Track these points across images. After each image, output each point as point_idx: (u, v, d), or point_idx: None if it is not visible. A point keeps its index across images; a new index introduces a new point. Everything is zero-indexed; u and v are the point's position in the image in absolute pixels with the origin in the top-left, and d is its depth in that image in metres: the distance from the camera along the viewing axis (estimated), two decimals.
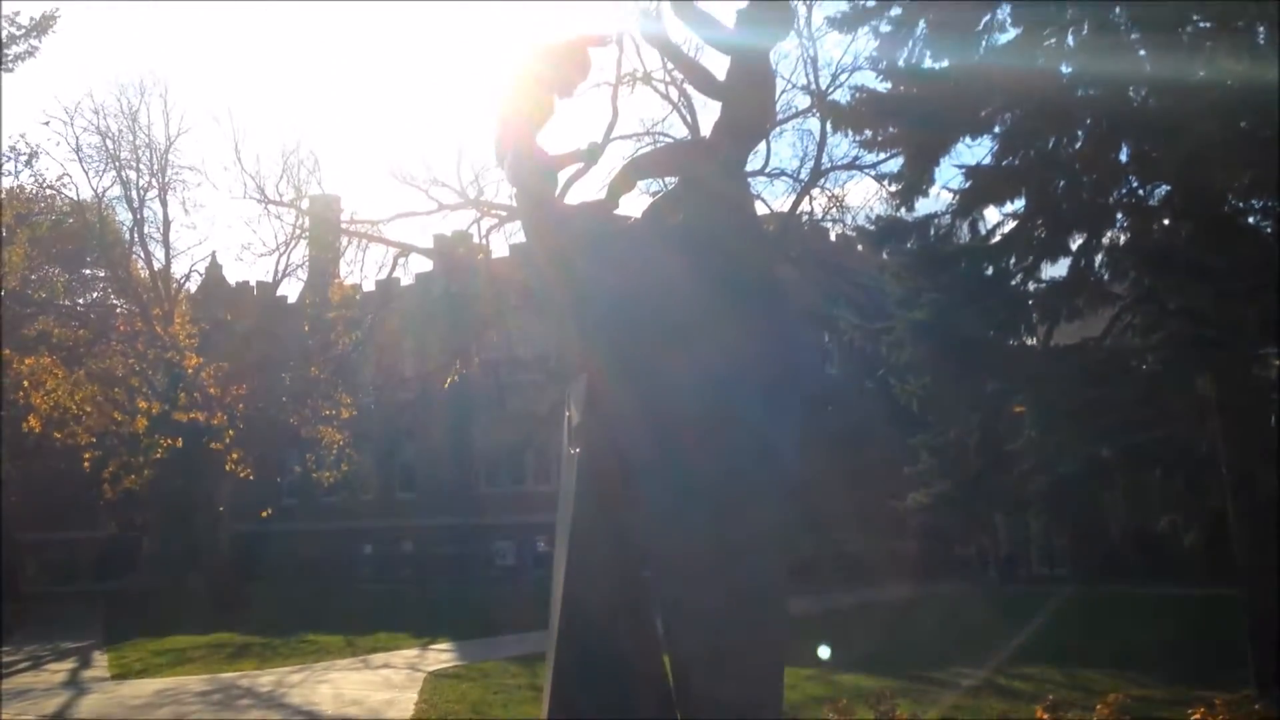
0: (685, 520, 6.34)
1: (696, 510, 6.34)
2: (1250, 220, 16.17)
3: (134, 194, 34.19)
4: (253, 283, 40.77)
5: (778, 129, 27.02)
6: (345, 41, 53.89)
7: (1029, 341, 17.09)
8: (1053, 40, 16.43)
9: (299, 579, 42.65)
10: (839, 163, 27.37)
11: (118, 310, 36.21)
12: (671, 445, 6.45)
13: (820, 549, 33.93)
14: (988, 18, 16.80)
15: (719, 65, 7.56)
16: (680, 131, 27.85)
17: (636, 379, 6.65)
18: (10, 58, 23.63)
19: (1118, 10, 15.69)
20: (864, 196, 28.08)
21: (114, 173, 33.72)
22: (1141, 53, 15.78)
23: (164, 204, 34.76)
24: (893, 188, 19.01)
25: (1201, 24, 15.21)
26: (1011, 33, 16.74)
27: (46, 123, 31.70)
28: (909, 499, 18.66)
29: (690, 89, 26.37)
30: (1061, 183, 16.10)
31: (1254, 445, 14.81)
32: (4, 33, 23.03)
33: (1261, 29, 14.78)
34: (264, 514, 38.12)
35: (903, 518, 25.18)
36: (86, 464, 30.55)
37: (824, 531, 32.33)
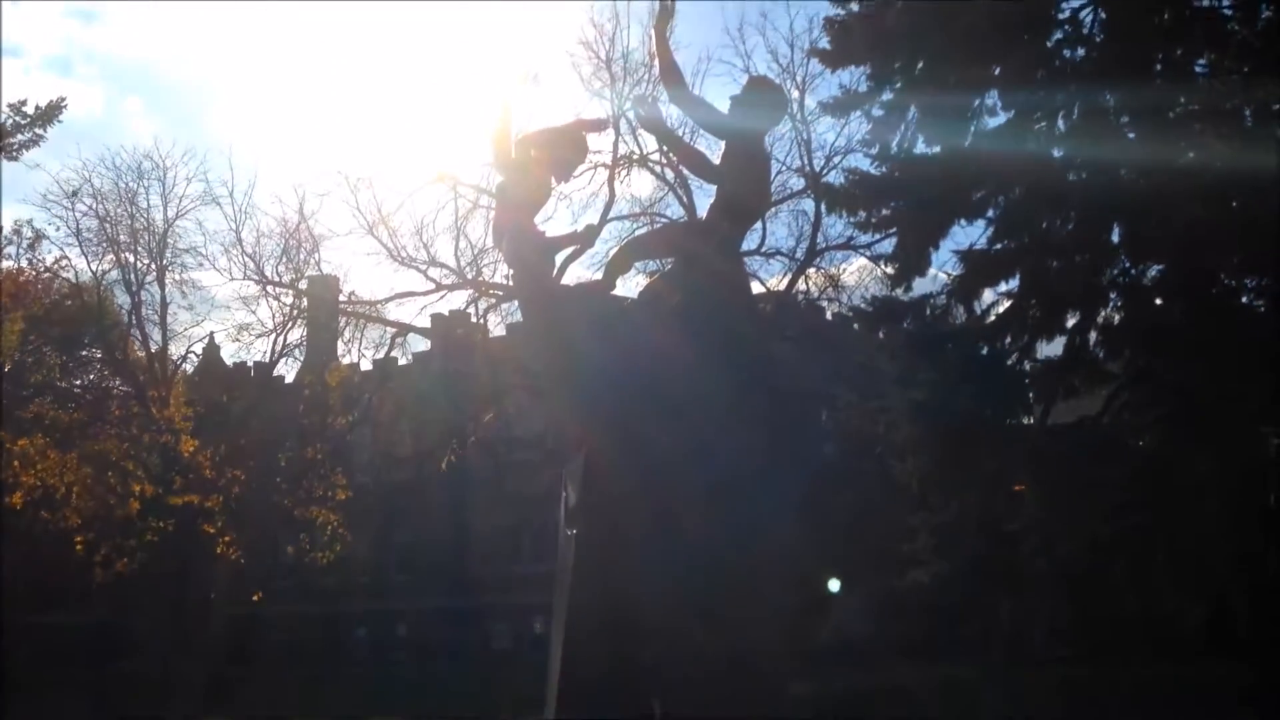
0: (683, 598, 6.28)
1: (694, 588, 6.28)
2: (1244, 299, 16.29)
3: (132, 277, 34.38)
4: (250, 363, 40.83)
5: (773, 209, 27.31)
6: (345, 123, 54.84)
7: (1026, 420, 17.11)
8: (1043, 124, 16.73)
9: (292, 662, 42.03)
10: (834, 242, 27.63)
11: (113, 392, 36.14)
12: (669, 523, 6.41)
13: (821, 629, 33.52)
14: (977, 103, 17.12)
15: (714, 147, 7.68)
16: (676, 212, 28.16)
17: (634, 457, 6.63)
18: (15, 145, 23.90)
19: (1106, 95, 16.00)
20: (859, 276, 28.48)
21: (113, 255, 33.94)
22: (1131, 135, 16.06)
23: (162, 286, 34.91)
24: (888, 269, 19.18)
25: (1190, 107, 15.50)
26: (1002, 117, 17.06)
27: (47, 208, 31.82)
28: (909, 578, 18.50)
29: (687, 170, 26.69)
30: (1055, 263, 16.26)
31: (1253, 523, 14.75)
32: (9, 121, 23.32)
33: (1249, 112, 15.06)
34: (255, 597, 37.71)
35: (904, 597, 24.91)
36: (79, 547, 30.26)
37: (825, 612, 31.98)
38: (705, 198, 18.09)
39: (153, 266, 34.34)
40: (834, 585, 16.45)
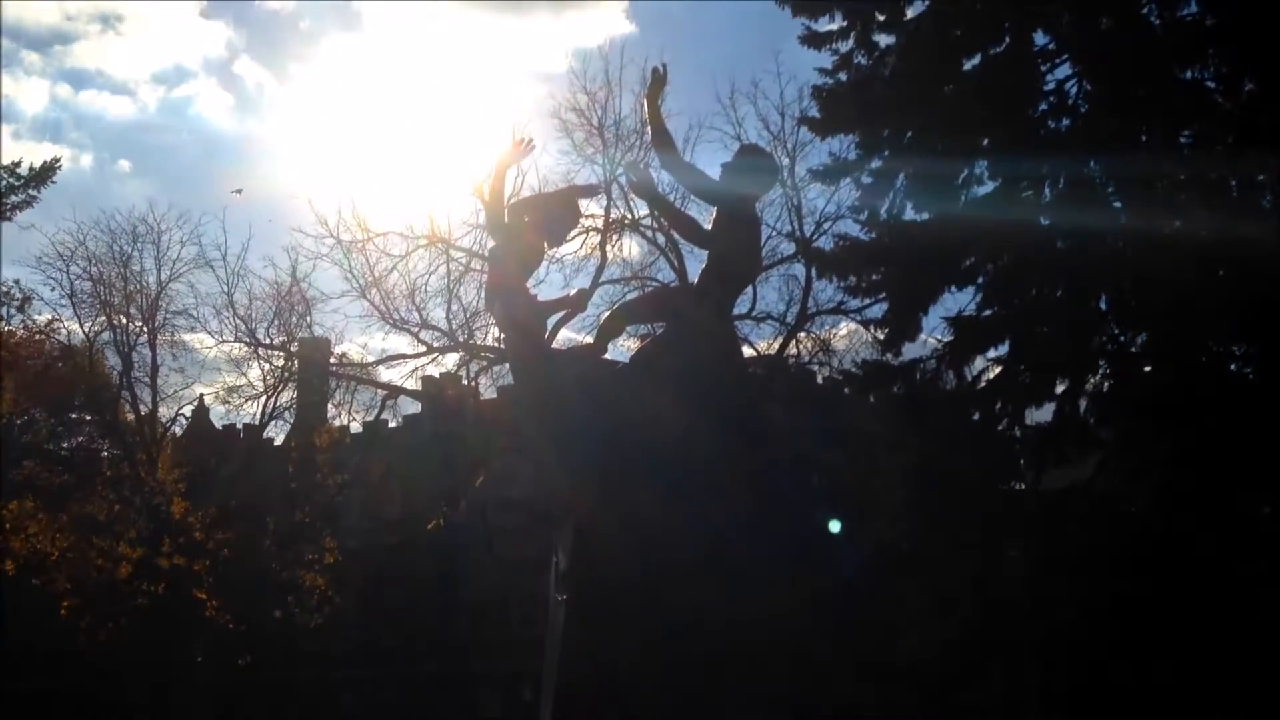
0: (675, 663, 6.23)
1: (686, 653, 6.23)
2: (1232, 366, 16.37)
3: (124, 339, 34.37)
4: (239, 425, 40.69)
5: (764, 274, 27.50)
6: (339, 186, 55.32)
7: (1018, 486, 17.10)
8: (1030, 193, 16.94)
9: None
10: (824, 307, 27.75)
11: (103, 454, 35.96)
12: (660, 589, 6.38)
13: (815, 698, 33.10)
14: (965, 171, 17.34)
15: (706, 213, 7.76)
16: (668, 276, 28.29)
17: (625, 521, 6.62)
18: (9, 207, 24.04)
19: (1092, 165, 16.23)
20: (850, 340, 28.57)
21: (105, 317, 33.95)
22: (1117, 204, 16.27)
23: (153, 349, 34.86)
24: (879, 333, 19.29)
25: (1175, 177, 15.71)
26: (989, 185, 17.27)
27: (41, 270, 31.89)
28: (901, 646, 18.34)
29: (677, 235, 26.85)
30: (1044, 329, 16.36)
31: (1249, 590, 14.68)
32: (3, 183, 23.46)
33: (1234, 182, 15.28)
34: (240, 663, 37.22)
35: (899, 665, 24.65)
36: (64, 611, 29.91)
37: (820, 681, 31.57)
38: (696, 262, 18.24)
39: (145, 329, 34.36)
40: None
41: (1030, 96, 16.85)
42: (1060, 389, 16.73)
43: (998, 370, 17.30)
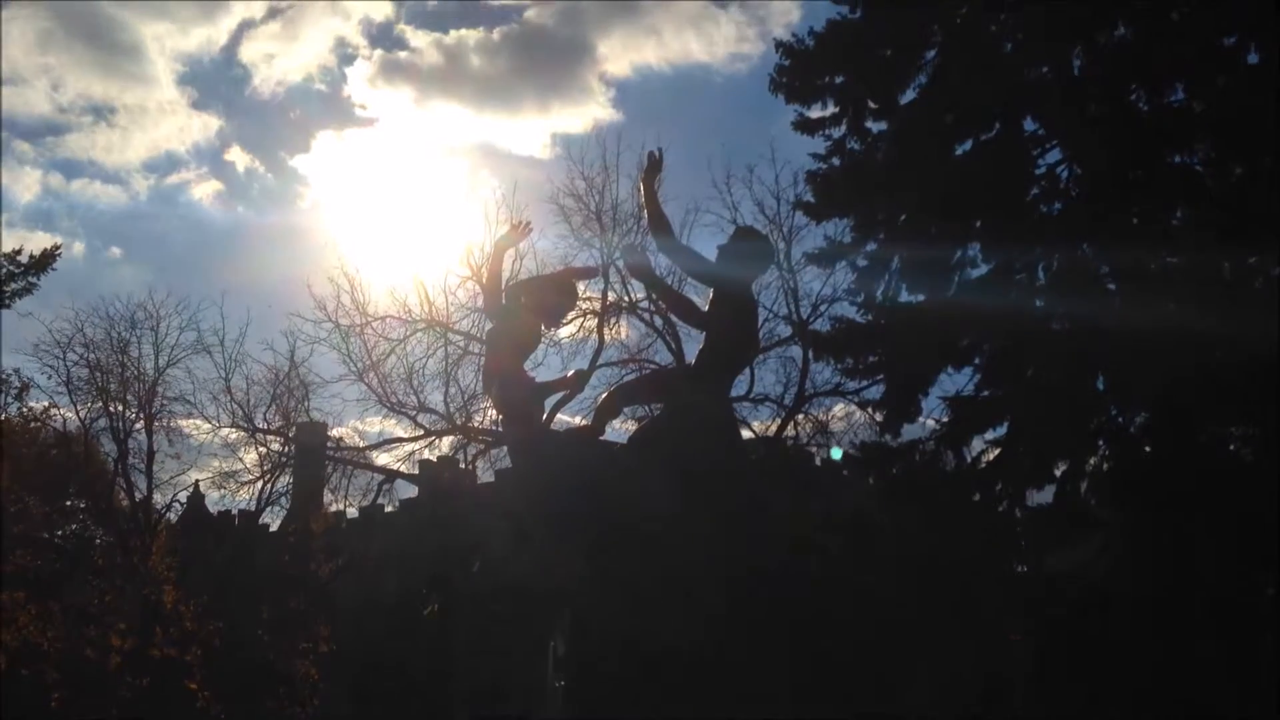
0: None
1: None
2: (1231, 447, 16.31)
3: (120, 425, 34.27)
4: (234, 511, 40.37)
5: (762, 356, 27.56)
6: (336, 271, 55.76)
7: (1020, 569, 16.94)
8: (1023, 276, 17.06)
9: None
10: (822, 389, 27.76)
11: (96, 541, 35.61)
12: (658, 673, 6.28)
13: None
14: (959, 254, 17.49)
15: (703, 295, 7.80)
16: (665, 359, 28.33)
17: (623, 604, 6.54)
18: (9, 294, 24.08)
19: (1084, 248, 16.36)
20: (848, 422, 28.54)
21: (101, 404, 33.89)
22: (1111, 287, 16.37)
23: (149, 435, 34.72)
24: (877, 415, 19.27)
25: (1168, 261, 15.83)
26: (983, 268, 17.41)
27: (38, 357, 31.90)
28: None
29: (675, 318, 26.98)
30: (1042, 410, 16.33)
31: (1259, 678, 14.43)
32: (4, 270, 23.53)
33: (1227, 265, 15.39)
34: None
35: None
36: (55, 702, 29.36)
37: None
38: (694, 345, 18.30)
39: (141, 415, 34.28)
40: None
41: (1022, 181, 17.06)
42: (1060, 470, 16.66)
43: (997, 451, 17.25)
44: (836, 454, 17.00)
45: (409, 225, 48.76)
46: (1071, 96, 16.64)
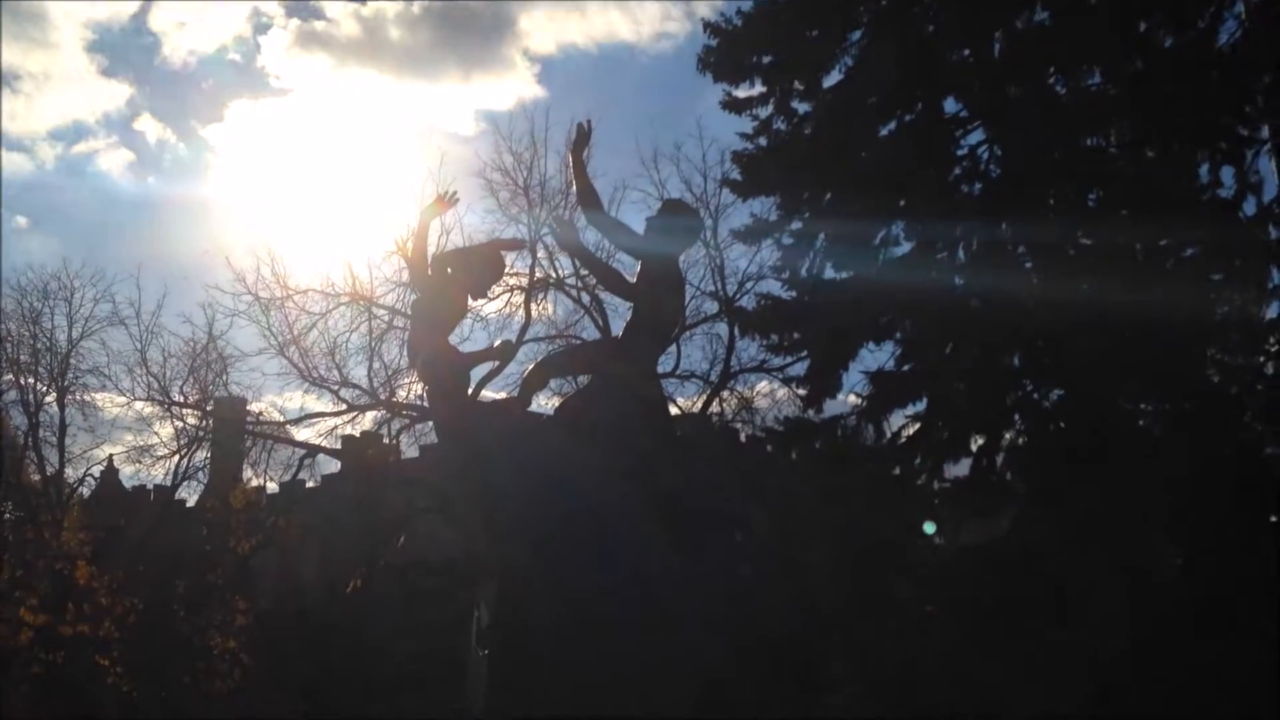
0: (601, 716, 6.16)
1: (613, 705, 6.18)
2: (1141, 422, 16.78)
3: (31, 398, 33.37)
4: (150, 486, 39.55)
5: (688, 333, 27.67)
6: (258, 242, 54.40)
7: (937, 541, 17.28)
8: (944, 254, 17.36)
9: None
10: (747, 365, 27.97)
11: (6, 517, 34.72)
12: (582, 644, 6.33)
13: None
14: (883, 232, 17.72)
15: (631, 269, 7.82)
16: (592, 335, 28.27)
17: (548, 577, 6.57)
18: None
19: (1003, 227, 16.69)
20: (772, 398, 28.89)
21: (11, 376, 32.96)
22: (1028, 266, 16.73)
23: (61, 408, 33.86)
24: (800, 391, 19.48)
25: (1082, 242, 16.22)
26: (906, 246, 17.66)
27: None
28: (825, 707, 18.30)
29: (602, 293, 26.98)
30: (960, 386, 16.66)
31: (1167, 647, 14.89)
32: None
33: (1139, 246, 15.81)
34: None
35: None
36: None
37: None
38: (620, 320, 18.32)
39: (53, 388, 33.42)
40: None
41: (944, 161, 17.33)
42: (977, 444, 17.02)
43: (917, 426, 17.55)
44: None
45: (330, 198, 47.90)
46: (992, 79, 16.94)
